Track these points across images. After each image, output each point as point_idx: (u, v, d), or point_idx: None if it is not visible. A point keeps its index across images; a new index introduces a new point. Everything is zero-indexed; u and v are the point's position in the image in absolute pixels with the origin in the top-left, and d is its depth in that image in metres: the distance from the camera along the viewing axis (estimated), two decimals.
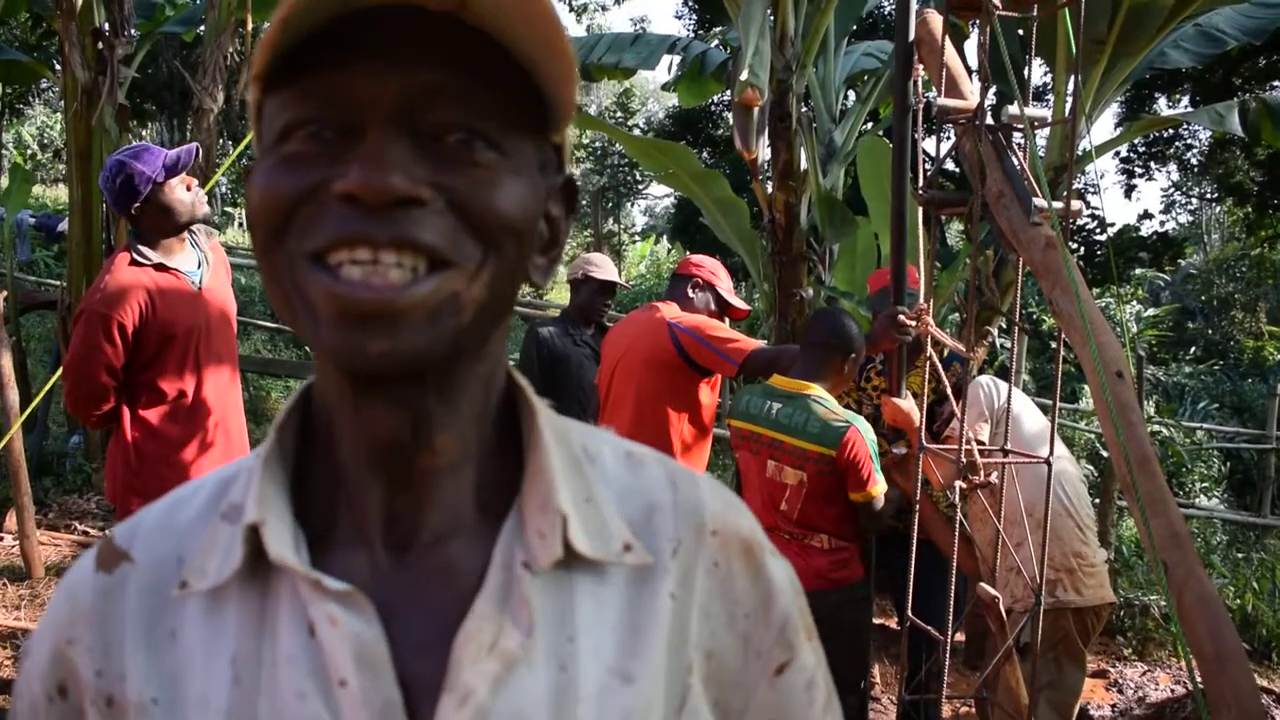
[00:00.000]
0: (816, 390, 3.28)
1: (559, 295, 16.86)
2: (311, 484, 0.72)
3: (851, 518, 3.33)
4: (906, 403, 3.30)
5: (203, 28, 8.29)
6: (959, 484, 2.99)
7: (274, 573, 0.68)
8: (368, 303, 0.60)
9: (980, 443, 3.23)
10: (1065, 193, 2.81)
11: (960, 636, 4.71)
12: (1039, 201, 2.69)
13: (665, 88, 9.81)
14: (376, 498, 0.70)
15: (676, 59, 8.61)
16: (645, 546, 0.71)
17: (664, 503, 0.74)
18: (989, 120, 2.89)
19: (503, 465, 0.72)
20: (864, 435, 3.21)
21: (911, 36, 3.19)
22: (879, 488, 3.25)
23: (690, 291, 3.93)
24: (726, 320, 4.06)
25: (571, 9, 22.88)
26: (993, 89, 3.20)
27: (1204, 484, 9.81)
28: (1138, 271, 17.82)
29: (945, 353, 3.68)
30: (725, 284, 3.99)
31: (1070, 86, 3.74)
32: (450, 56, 0.62)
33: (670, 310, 3.82)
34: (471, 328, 0.65)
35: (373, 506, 0.70)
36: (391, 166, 0.60)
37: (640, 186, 27.12)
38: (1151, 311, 15.81)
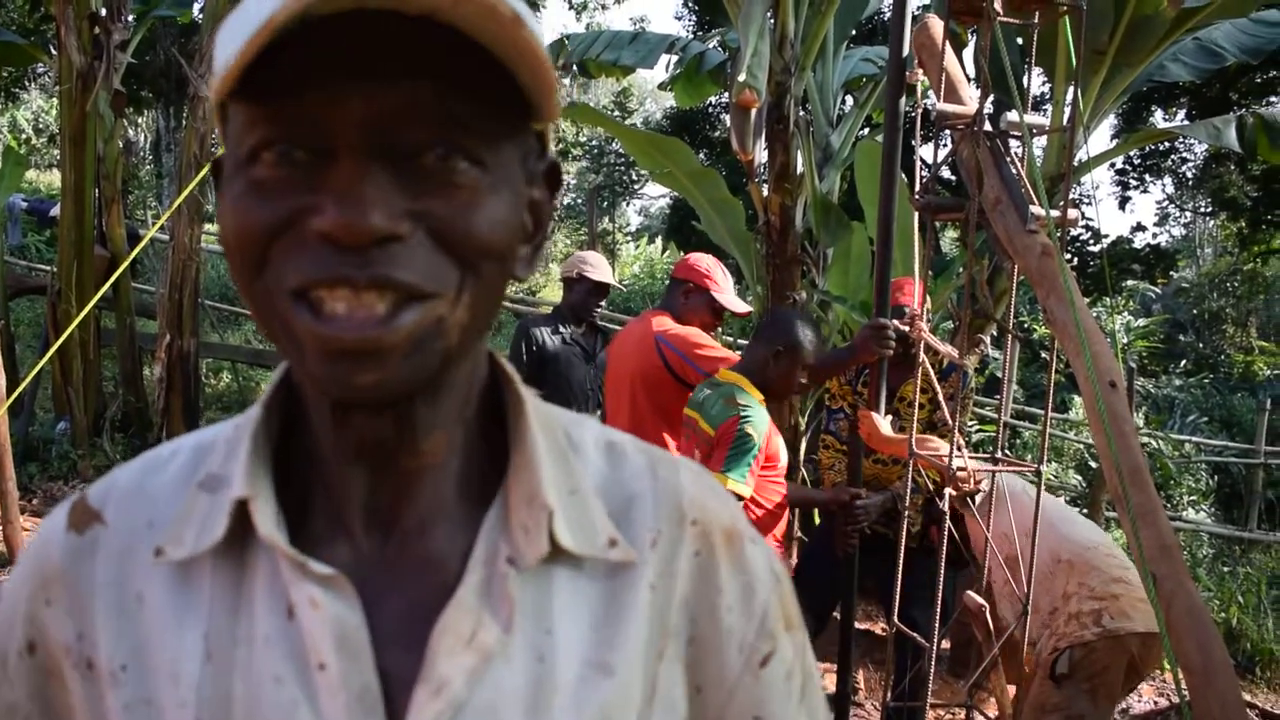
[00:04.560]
0: (742, 381, 3.20)
1: (552, 293, 16.85)
2: (292, 463, 0.71)
3: (766, 515, 3.17)
4: (884, 421, 3.26)
5: (198, 11, 8.26)
6: (949, 492, 2.98)
7: (252, 549, 0.67)
8: (352, 342, 0.59)
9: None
10: (1062, 201, 2.80)
11: (947, 644, 4.71)
12: (1036, 209, 2.68)
13: (662, 86, 9.79)
14: (358, 490, 0.69)
15: (675, 59, 8.59)
16: (626, 539, 0.70)
17: (643, 492, 0.73)
18: (987, 127, 2.88)
19: (486, 452, 0.72)
20: (745, 425, 3.05)
21: (906, 51, 3.18)
22: (729, 483, 2.99)
23: (683, 298, 3.88)
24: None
25: (571, 6, 22.82)
26: (991, 97, 3.19)
27: (1192, 497, 9.83)
28: (1130, 283, 17.86)
29: (945, 363, 3.67)
30: (720, 284, 3.90)
31: (1069, 96, 3.74)
32: (423, 66, 0.58)
33: (661, 322, 3.79)
34: (459, 346, 0.64)
35: (354, 497, 0.69)
36: (369, 203, 0.58)
37: (636, 186, 27.09)
38: (1142, 322, 15.85)
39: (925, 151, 3.71)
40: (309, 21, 0.55)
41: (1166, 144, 17.84)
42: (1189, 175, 20.61)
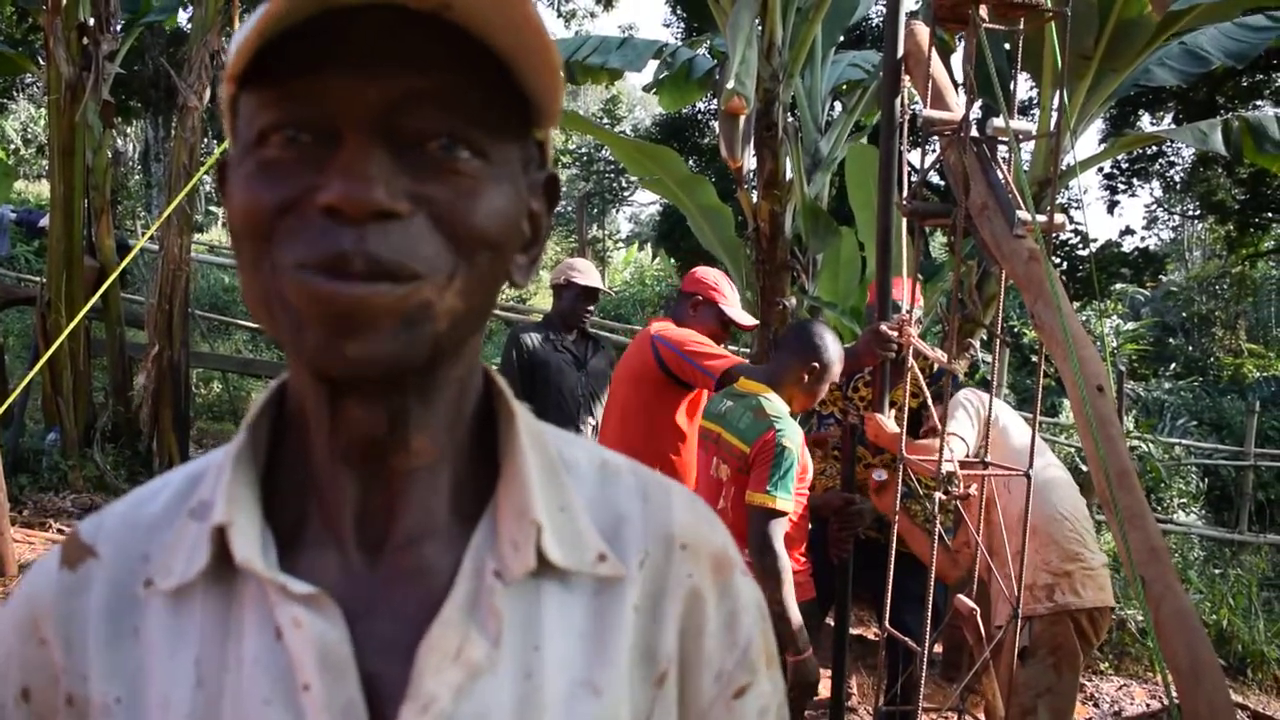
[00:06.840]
0: (769, 394, 3.17)
1: (543, 300, 16.85)
2: (283, 481, 0.71)
3: (792, 527, 3.14)
4: (890, 421, 3.28)
5: (185, 19, 8.25)
6: (938, 495, 2.99)
7: (240, 574, 0.67)
8: (343, 300, 0.59)
9: (965, 455, 3.21)
10: (1049, 206, 2.82)
11: (938, 648, 4.72)
12: (1022, 214, 2.70)
13: (647, 89, 9.81)
14: (350, 497, 0.69)
15: (662, 64, 8.59)
16: (615, 557, 0.71)
17: (633, 514, 0.74)
18: (974, 132, 2.89)
19: (478, 468, 0.72)
20: (782, 439, 3.02)
21: (900, 53, 3.19)
22: (778, 502, 2.97)
23: (691, 310, 3.89)
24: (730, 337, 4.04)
25: (559, 14, 22.86)
26: (978, 102, 3.20)
27: (1182, 500, 9.85)
28: (1118, 287, 17.91)
29: (934, 368, 3.68)
30: (728, 298, 3.91)
31: (1056, 101, 3.76)
32: (431, 59, 0.61)
33: (662, 325, 3.80)
34: (449, 334, 0.64)
35: (345, 506, 0.69)
36: (372, 179, 0.60)
37: (626, 193, 27.11)
38: (1131, 325, 15.89)
39: (912, 157, 3.73)
40: (324, 13, 0.59)
41: (1154, 148, 17.92)
42: (1177, 179, 20.68)
